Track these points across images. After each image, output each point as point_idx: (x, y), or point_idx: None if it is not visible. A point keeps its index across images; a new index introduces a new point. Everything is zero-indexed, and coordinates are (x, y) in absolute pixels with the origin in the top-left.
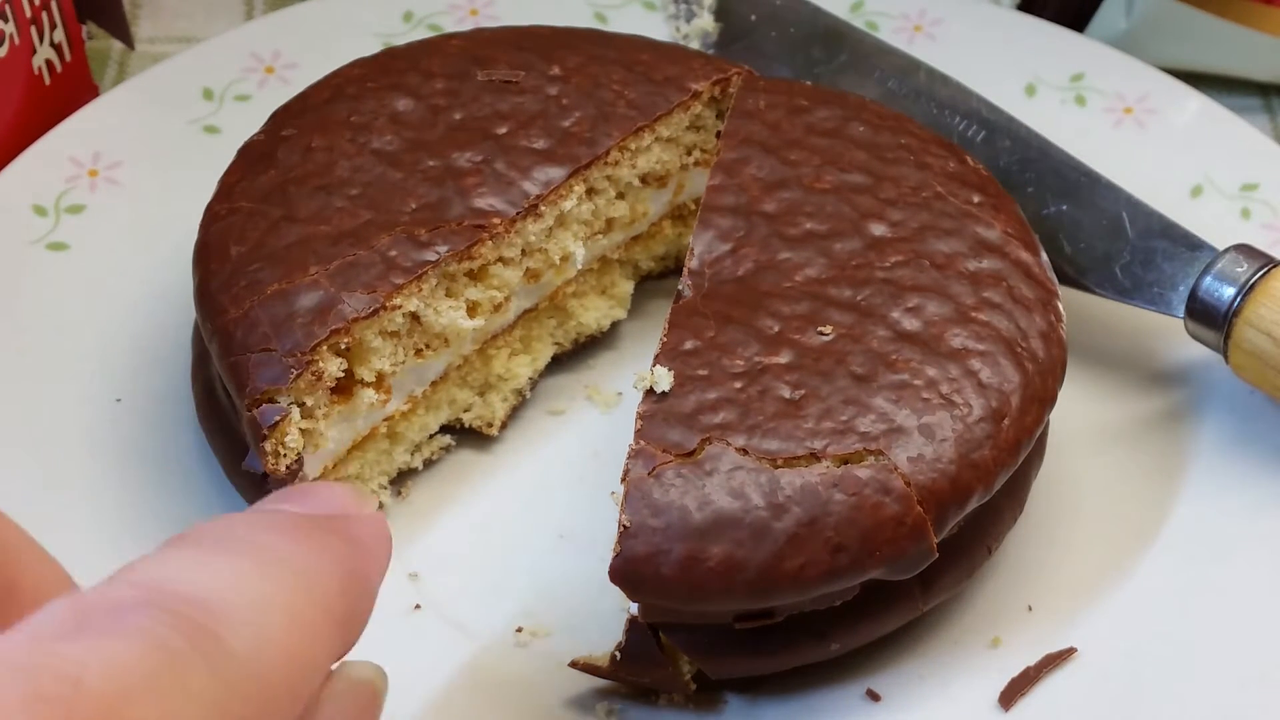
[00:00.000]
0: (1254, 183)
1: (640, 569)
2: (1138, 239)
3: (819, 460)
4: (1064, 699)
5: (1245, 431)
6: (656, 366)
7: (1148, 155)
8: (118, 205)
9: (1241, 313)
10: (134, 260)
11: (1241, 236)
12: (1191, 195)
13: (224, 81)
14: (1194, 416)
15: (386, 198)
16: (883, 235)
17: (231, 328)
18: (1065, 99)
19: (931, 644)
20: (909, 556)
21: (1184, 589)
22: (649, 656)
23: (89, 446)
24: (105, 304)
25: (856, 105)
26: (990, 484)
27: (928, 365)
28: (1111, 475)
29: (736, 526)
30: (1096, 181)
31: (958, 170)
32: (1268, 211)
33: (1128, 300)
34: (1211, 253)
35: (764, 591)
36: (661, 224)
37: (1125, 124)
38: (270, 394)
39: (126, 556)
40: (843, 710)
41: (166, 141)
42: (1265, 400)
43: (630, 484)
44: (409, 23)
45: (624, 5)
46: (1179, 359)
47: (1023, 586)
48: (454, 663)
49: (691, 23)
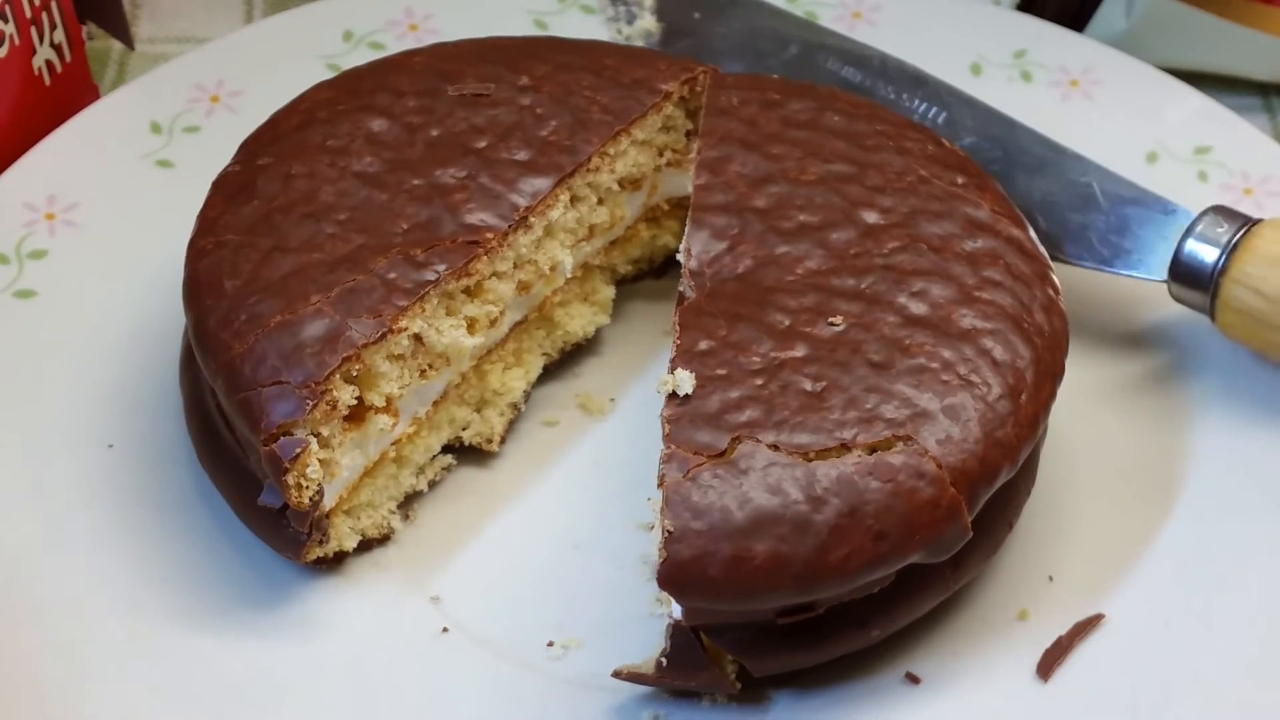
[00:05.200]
0: (1207, 145)
1: (687, 572)
2: (1111, 207)
3: (850, 450)
4: (1098, 665)
5: (1235, 388)
6: (677, 369)
7: (1099, 126)
8: (81, 248)
9: (1228, 272)
10: (106, 303)
11: (1201, 198)
12: (1148, 162)
13: (171, 114)
14: (1182, 377)
15: (376, 220)
16: (876, 222)
17: (238, 364)
18: (1011, 76)
19: (961, 622)
20: (946, 538)
21: (1201, 547)
22: (694, 660)
23: (87, 496)
24: (82, 349)
25: (828, 95)
26: (1015, 460)
27: (942, 348)
28: (1110, 440)
29: (778, 522)
30: (1063, 154)
31: (937, 153)
32: (1224, 173)
33: (1107, 269)
34: (1186, 215)
35: (810, 584)
36: (637, 227)
37: (1073, 97)
38: (286, 427)
39: (139, 603)
40: (886, 695)
41: (120, 179)
42: (1251, 357)
43: (668, 489)
44: (349, 42)
45: (563, 11)
46: (1160, 322)
47: (1041, 558)
48: (491, 683)
49: (633, 24)
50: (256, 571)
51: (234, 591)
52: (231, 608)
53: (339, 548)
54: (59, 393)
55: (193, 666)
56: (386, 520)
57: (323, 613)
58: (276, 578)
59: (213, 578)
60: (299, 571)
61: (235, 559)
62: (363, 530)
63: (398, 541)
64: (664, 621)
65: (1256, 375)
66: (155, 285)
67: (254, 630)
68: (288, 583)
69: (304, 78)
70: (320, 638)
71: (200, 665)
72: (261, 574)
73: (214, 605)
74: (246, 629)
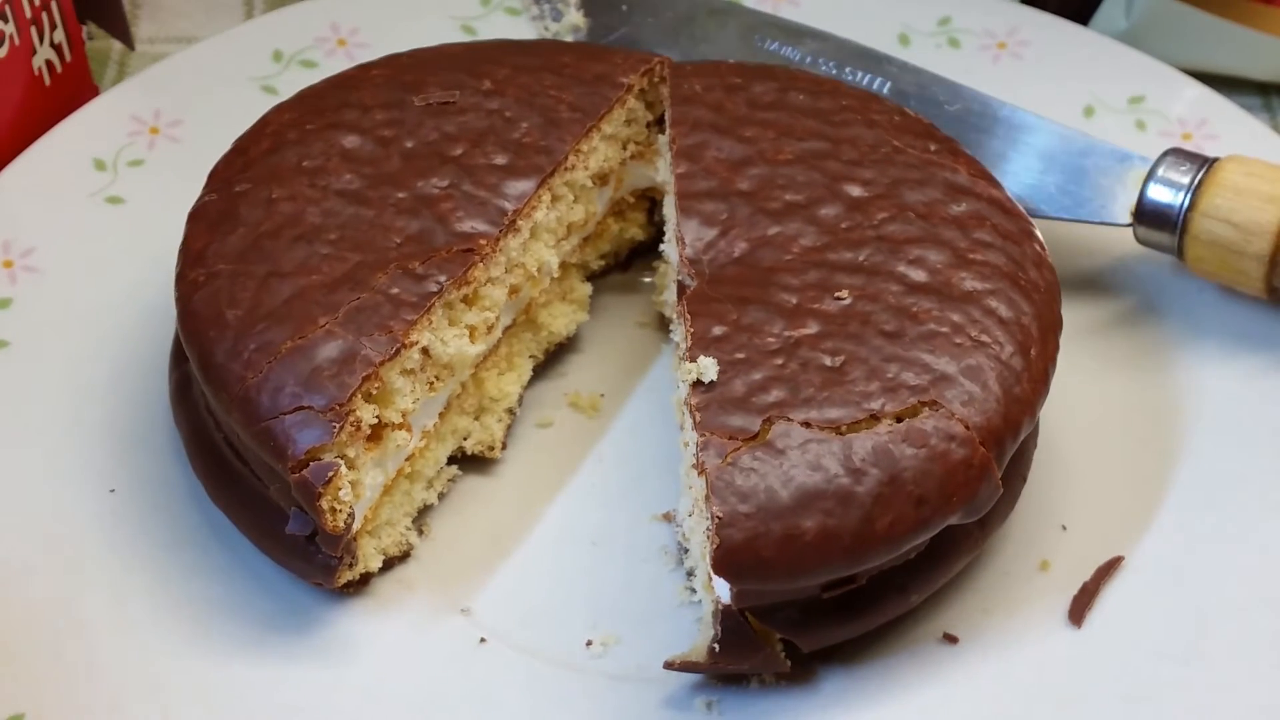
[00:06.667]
0: (1139, 95)
1: (741, 556)
2: (1067, 159)
3: (880, 420)
4: (1126, 605)
5: (1204, 324)
6: (700, 357)
7: (1033, 85)
8: (44, 293)
9: (1197, 207)
10: (80, 346)
11: (1143, 146)
12: (1085, 115)
13: (113, 149)
14: (1152, 318)
15: (368, 237)
16: (861, 195)
17: (253, 394)
18: (939, 43)
19: (985, 578)
20: (980, 496)
21: (1204, 479)
22: (746, 643)
23: (98, 545)
24: (66, 395)
25: (787, 76)
26: (1034, 414)
27: (949, 311)
28: (1094, 386)
29: (823, 497)
30: (1012, 112)
31: (904, 122)
32: (1160, 120)
33: (1070, 219)
34: (1142, 160)
35: (860, 555)
36: (606, 221)
37: (1003, 59)
38: (315, 453)
39: (171, 649)
40: (928, 659)
41: (73, 220)
42: (1217, 293)
43: (712, 475)
44: (280, 62)
45: (487, 14)
46: (1121, 266)
47: (1052, 508)
48: (539, 687)
49: (560, 21)
50: (282, 603)
51: (265, 625)
52: (267, 641)
53: (365, 569)
54: (50, 441)
55: (244, 702)
56: (404, 537)
57: (358, 636)
58: (303, 607)
59: (242, 614)
60: (325, 598)
61: (258, 592)
62: (384, 549)
63: (417, 557)
64: (697, 609)
65: (1224, 310)
66: (125, 324)
67: (295, 661)
68: (316, 610)
69: (241, 102)
70: (361, 660)
71: (249, 701)
72: (287, 605)
73: (249, 641)
74: (288, 660)
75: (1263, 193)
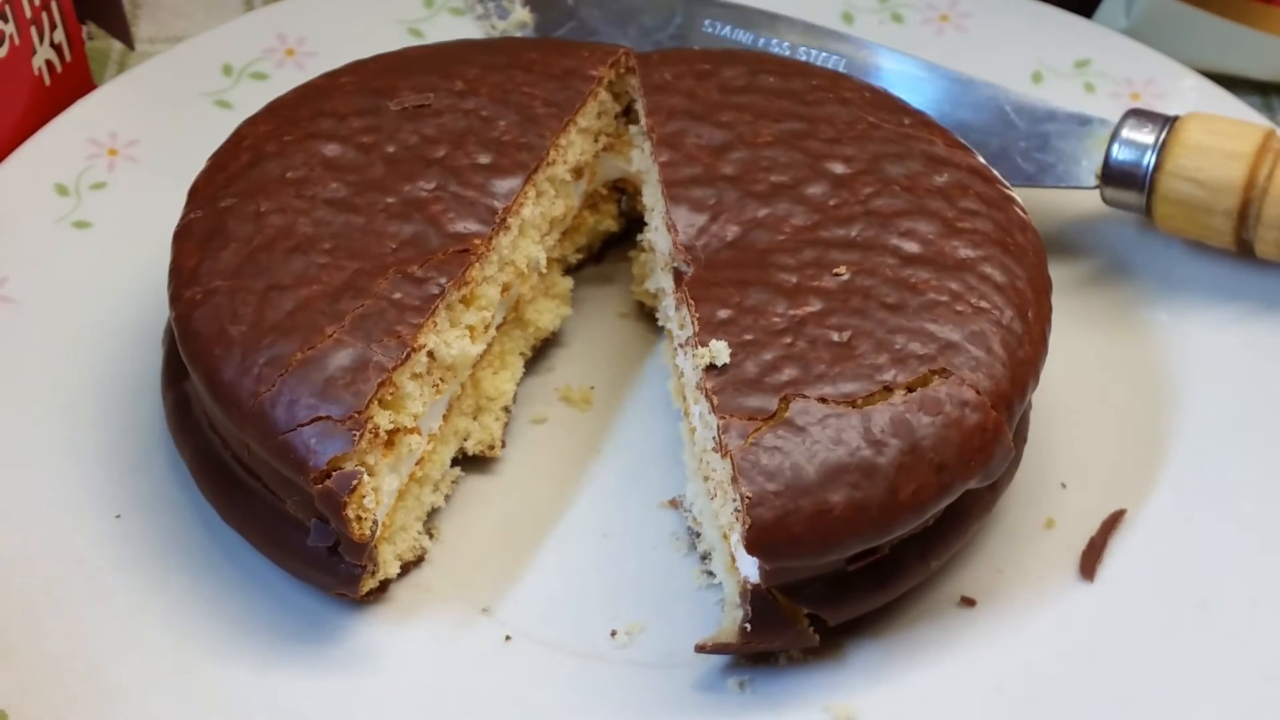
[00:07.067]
0: (1085, 59)
1: (774, 534)
2: (1027, 126)
3: (893, 392)
4: (1135, 557)
5: (1179, 278)
6: (712, 341)
7: (980, 55)
8: (21, 323)
9: (1163, 167)
10: (68, 377)
11: (1095, 108)
12: (1034, 82)
13: (73, 173)
14: (1125, 275)
15: (363, 244)
16: (845, 173)
17: (267, 408)
18: (882, 19)
19: (993, 540)
20: (995, 459)
21: (1195, 429)
22: (776, 620)
23: (109, 570)
24: (60, 424)
25: (754, 59)
26: (1037, 375)
27: (946, 280)
28: (1079, 345)
29: (848, 471)
30: (968, 83)
31: (875, 98)
32: (1108, 82)
33: (1036, 184)
34: (1102, 124)
35: (887, 525)
36: (582, 214)
37: (946, 31)
38: (337, 463)
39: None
40: (949, 623)
41: (43, 246)
42: (1184, 248)
43: (736, 457)
44: (230, 76)
45: (432, 16)
46: (1087, 227)
47: (1049, 467)
48: (570, 681)
49: (507, 18)
50: (304, 617)
51: (290, 641)
52: (294, 657)
53: (385, 576)
54: (50, 471)
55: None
56: (417, 541)
57: (383, 643)
58: (325, 620)
59: (264, 631)
60: (345, 610)
61: (278, 609)
62: (399, 555)
63: (430, 561)
64: (717, 592)
65: (1195, 263)
66: (109, 348)
67: (326, 674)
68: (338, 622)
69: (197, 118)
70: (388, 667)
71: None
72: (309, 619)
73: (275, 659)
74: (319, 674)
75: (1226, 150)
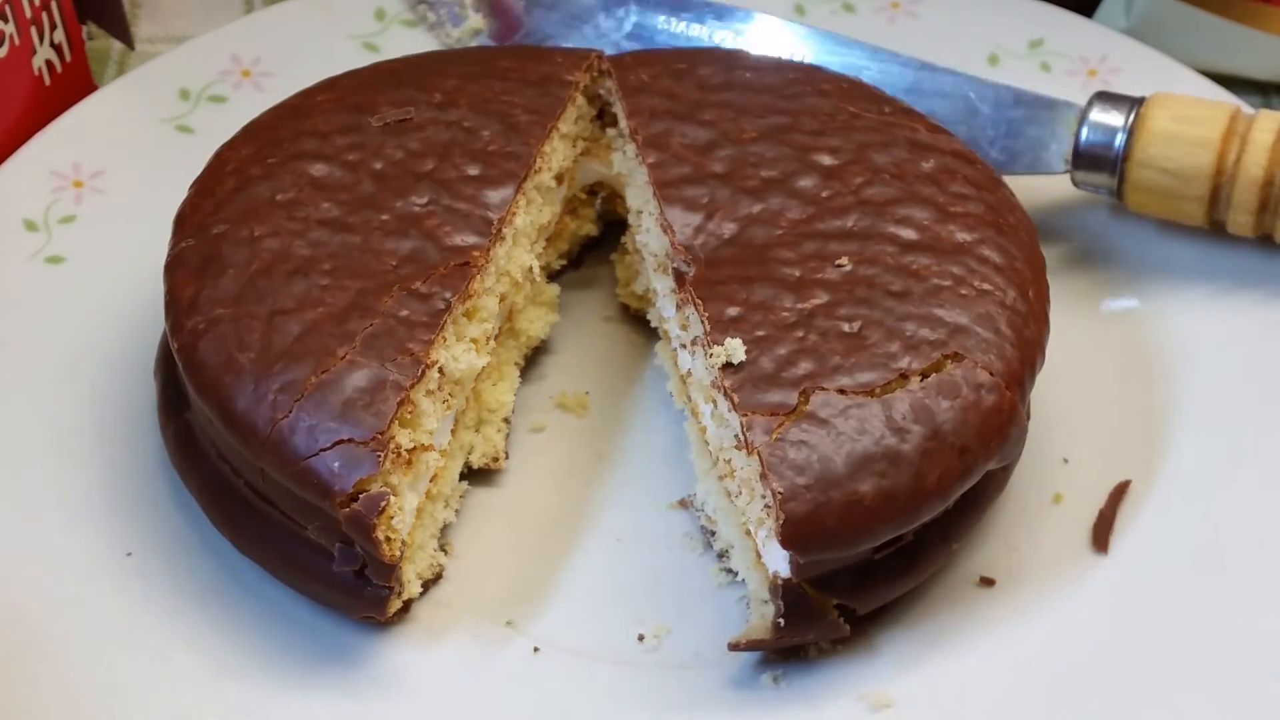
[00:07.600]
0: (1039, 38)
1: (806, 528)
2: (994, 113)
3: (909, 378)
4: (1145, 527)
5: (1154, 256)
6: (726, 339)
7: (934, 42)
8: (4, 365)
9: (1132, 156)
10: (61, 416)
11: (1052, 88)
12: (990, 64)
13: (40, 207)
14: (1100, 254)
15: (362, 263)
16: (833, 164)
17: (286, 435)
18: (835, 9)
19: (1003, 518)
20: (1012, 439)
21: (1189, 401)
22: (808, 613)
23: (125, 608)
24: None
25: (726, 56)
26: (1044, 353)
27: (947, 265)
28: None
29: (874, 460)
30: (932, 70)
31: (852, 88)
32: (1064, 60)
33: (1007, 171)
34: (1068, 107)
35: (915, 511)
36: (564, 220)
37: (899, 20)
38: (362, 485)
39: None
40: (971, 604)
41: (18, 284)
42: (1156, 227)
43: (764, 453)
44: (188, 100)
45: (385, 29)
46: (1060, 209)
47: (1050, 443)
48: (603, 688)
49: (461, 25)
50: (327, 643)
51: (316, 668)
52: (323, 684)
53: (409, 596)
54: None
55: None
56: (434, 559)
57: (411, 664)
58: (350, 644)
59: (289, 661)
60: (369, 633)
61: (300, 637)
62: (420, 573)
63: (448, 577)
64: (739, 589)
65: (1169, 242)
66: (99, 385)
67: (355, 699)
68: (363, 646)
69: (159, 144)
70: (423, 688)
71: None
72: (333, 645)
73: (303, 686)
74: (347, 699)
75: (1192, 137)
